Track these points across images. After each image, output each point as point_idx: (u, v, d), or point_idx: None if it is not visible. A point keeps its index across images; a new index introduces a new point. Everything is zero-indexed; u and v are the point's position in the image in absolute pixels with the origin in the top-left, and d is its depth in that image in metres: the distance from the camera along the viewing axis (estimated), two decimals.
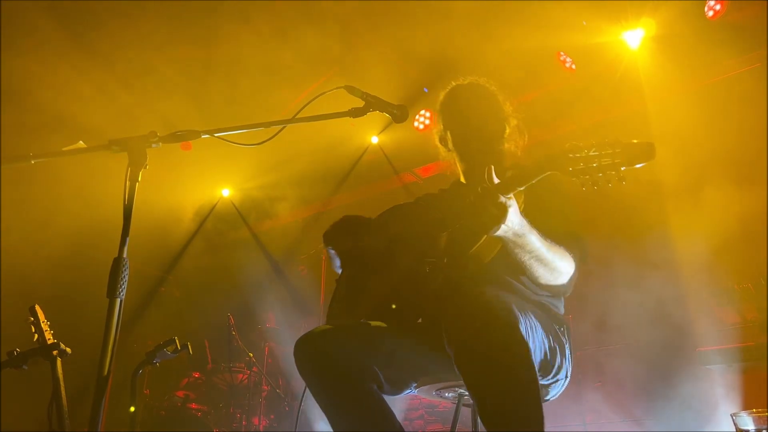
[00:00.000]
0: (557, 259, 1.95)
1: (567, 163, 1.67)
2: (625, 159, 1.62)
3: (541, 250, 1.89)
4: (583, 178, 1.66)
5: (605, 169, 1.63)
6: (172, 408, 6.05)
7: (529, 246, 1.87)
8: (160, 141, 1.91)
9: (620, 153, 1.62)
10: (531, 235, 1.86)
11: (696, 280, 4.64)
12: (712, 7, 5.10)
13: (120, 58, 5.60)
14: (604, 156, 1.63)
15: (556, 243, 1.97)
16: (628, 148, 1.62)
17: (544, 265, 1.93)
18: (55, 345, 3.09)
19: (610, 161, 1.63)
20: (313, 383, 2.05)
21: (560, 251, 1.97)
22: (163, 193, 6.44)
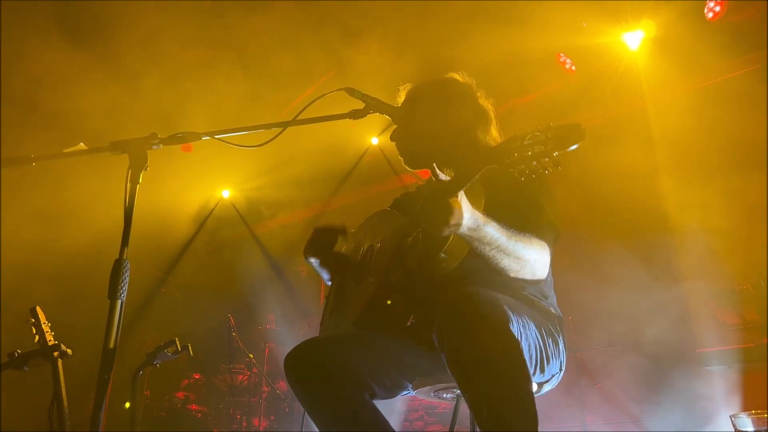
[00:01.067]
0: (521, 248, 1.94)
1: (502, 155, 1.68)
2: (555, 144, 1.61)
3: (500, 240, 1.88)
4: (519, 168, 1.66)
5: (539, 156, 1.63)
6: (172, 409, 6.05)
7: (487, 238, 1.86)
8: (160, 143, 1.91)
9: (551, 139, 1.62)
10: (487, 227, 1.85)
11: (696, 282, 4.64)
12: (712, 8, 5.11)
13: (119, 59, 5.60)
14: (537, 143, 1.63)
15: (521, 231, 1.96)
16: (557, 131, 1.62)
17: (508, 255, 1.91)
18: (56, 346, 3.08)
19: (543, 148, 1.62)
20: (303, 397, 2.05)
21: (525, 238, 1.96)
22: (163, 194, 6.44)
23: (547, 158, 1.62)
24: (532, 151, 1.64)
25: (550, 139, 1.62)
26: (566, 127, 1.61)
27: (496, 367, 1.65)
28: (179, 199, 7.51)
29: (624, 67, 5.62)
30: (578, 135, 1.60)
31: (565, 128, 1.61)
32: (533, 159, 1.63)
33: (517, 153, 1.65)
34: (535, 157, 1.63)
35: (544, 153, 1.62)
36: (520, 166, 1.66)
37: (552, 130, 1.62)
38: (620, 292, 4.78)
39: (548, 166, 1.63)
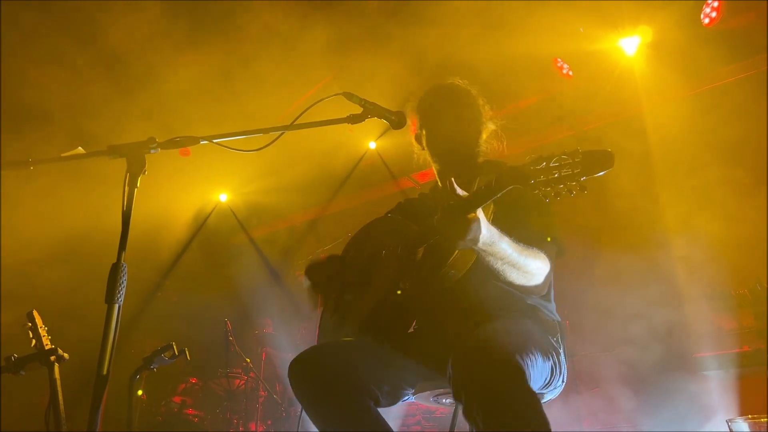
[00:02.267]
0: (530, 262, 1.97)
1: (528, 176, 1.67)
2: (584, 169, 1.62)
3: (512, 255, 1.91)
4: (545, 190, 1.66)
5: (566, 180, 1.63)
6: (168, 413, 6.03)
7: (500, 254, 1.89)
8: (158, 147, 1.91)
9: (579, 163, 1.62)
10: (501, 242, 1.88)
11: (693, 286, 4.65)
12: (708, 14, 5.13)
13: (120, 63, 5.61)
14: (564, 167, 1.63)
15: (527, 245, 1.99)
16: (587, 157, 1.62)
17: (517, 269, 1.94)
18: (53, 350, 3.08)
19: (570, 171, 1.63)
20: (307, 404, 2.05)
21: (533, 253, 1.99)
22: (160, 198, 6.44)
23: (575, 182, 1.62)
24: (559, 174, 1.64)
25: (579, 162, 1.62)
26: (596, 152, 1.62)
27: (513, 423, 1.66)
28: (176, 203, 7.50)
29: (620, 72, 5.64)
30: (608, 161, 1.61)
31: (596, 154, 1.62)
32: (560, 182, 1.63)
33: (544, 175, 1.65)
34: (562, 180, 1.63)
35: (571, 177, 1.62)
36: (546, 189, 1.66)
37: (581, 155, 1.62)
38: (617, 296, 4.78)
39: (575, 189, 1.63)
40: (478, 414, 1.69)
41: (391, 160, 7.26)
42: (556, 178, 1.64)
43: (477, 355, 1.75)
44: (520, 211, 2.11)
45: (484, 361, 1.72)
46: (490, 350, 1.75)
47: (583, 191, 1.63)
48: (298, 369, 2.07)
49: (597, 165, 1.61)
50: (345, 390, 2.01)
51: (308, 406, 2.05)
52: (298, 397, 2.07)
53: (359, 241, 2.50)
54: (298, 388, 2.05)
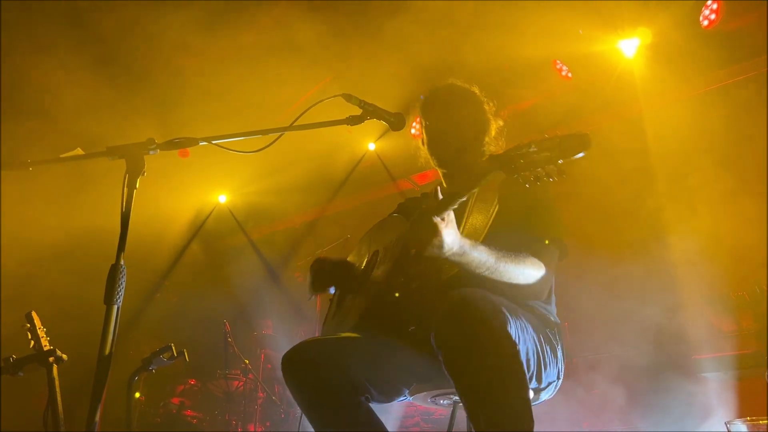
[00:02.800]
0: (512, 269, 1.95)
1: (508, 161, 1.69)
2: (561, 152, 1.63)
3: (488, 263, 1.90)
4: (524, 175, 1.68)
5: (544, 163, 1.65)
6: (167, 415, 6.03)
7: (474, 263, 1.88)
8: (157, 148, 1.92)
9: (557, 146, 1.64)
10: (474, 252, 1.87)
11: (692, 288, 4.65)
12: (707, 16, 5.14)
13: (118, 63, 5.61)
14: (543, 150, 1.65)
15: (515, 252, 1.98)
16: (564, 140, 1.64)
17: (498, 276, 1.93)
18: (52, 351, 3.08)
19: (548, 155, 1.64)
20: (300, 397, 2.05)
21: (517, 260, 1.98)
22: (159, 198, 6.44)
23: (553, 165, 1.64)
24: (537, 157, 1.66)
25: (556, 146, 1.64)
26: (572, 135, 1.64)
27: (493, 371, 1.67)
28: (175, 204, 7.50)
29: (620, 74, 5.65)
30: (584, 143, 1.62)
31: (571, 137, 1.64)
32: (538, 165, 1.65)
33: (523, 159, 1.67)
34: (541, 163, 1.65)
35: (549, 160, 1.64)
36: (524, 173, 1.68)
37: (557, 138, 1.64)
38: (616, 298, 4.78)
39: (553, 173, 1.65)
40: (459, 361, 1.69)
41: (390, 162, 7.27)
42: (534, 162, 1.66)
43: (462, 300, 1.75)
44: (522, 211, 2.11)
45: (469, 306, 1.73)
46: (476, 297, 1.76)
47: (561, 175, 1.65)
48: (290, 361, 2.07)
49: (573, 148, 1.62)
50: (336, 384, 2.01)
51: (299, 399, 2.05)
52: (290, 389, 2.07)
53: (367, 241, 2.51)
54: (290, 380, 2.06)
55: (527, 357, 1.91)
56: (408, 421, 5.47)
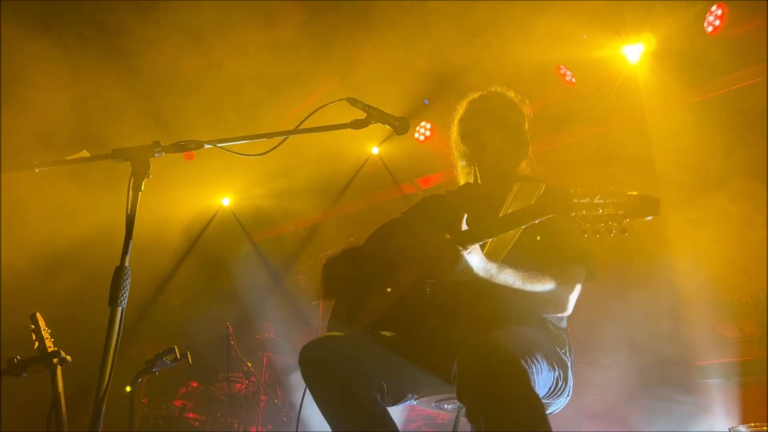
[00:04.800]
0: (538, 289, 1.99)
1: (570, 208, 1.66)
2: (629, 212, 1.60)
3: (515, 285, 1.94)
4: (585, 226, 1.65)
5: (608, 219, 1.62)
6: (169, 417, 6.03)
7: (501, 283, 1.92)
8: (163, 151, 1.92)
9: (624, 204, 1.60)
10: (501, 276, 1.91)
11: (695, 294, 4.64)
12: (712, 22, 5.13)
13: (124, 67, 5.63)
14: (608, 205, 1.61)
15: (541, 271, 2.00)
16: (633, 200, 1.60)
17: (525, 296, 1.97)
18: (56, 353, 3.09)
19: (614, 212, 1.61)
20: (317, 389, 2.05)
21: (543, 281, 2.00)
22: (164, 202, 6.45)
23: (617, 222, 1.61)
24: (603, 212, 1.62)
25: (624, 205, 1.60)
26: (644, 197, 1.60)
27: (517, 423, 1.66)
28: (179, 207, 7.51)
29: (623, 79, 5.64)
30: (654, 209, 1.60)
31: (643, 199, 1.60)
32: (602, 220, 1.62)
33: (587, 210, 1.64)
34: (605, 218, 1.62)
35: (614, 217, 1.61)
36: (586, 224, 1.65)
37: (627, 197, 1.60)
38: (619, 303, 4.78)
39: (616, 230, 1.62)
40: (481, 415, 1.68)
41: (393, 166, 7.27)
42: (598, 215, 1.62)
43: (482, 355, 1.74)
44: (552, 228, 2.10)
45: (489, 362, 1.71)
46: (495, 351, 1.75)
47: (624, 233, 1.61)
48: (308, 355, 2.07)
49: (642, 210, 1.60)
50: (354, 378, 2.01)
51: (315, 392, 2.05)
52: (306, 382, 2.07)
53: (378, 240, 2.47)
54: (308, 373, 2.05)
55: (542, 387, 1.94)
56: (410, 426, 5.46)
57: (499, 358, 1.72)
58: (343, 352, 2.05)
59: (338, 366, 2.01)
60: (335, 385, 2.00)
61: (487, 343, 1.78)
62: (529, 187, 2.19)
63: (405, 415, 5.42)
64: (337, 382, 2.00)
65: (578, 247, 2.17)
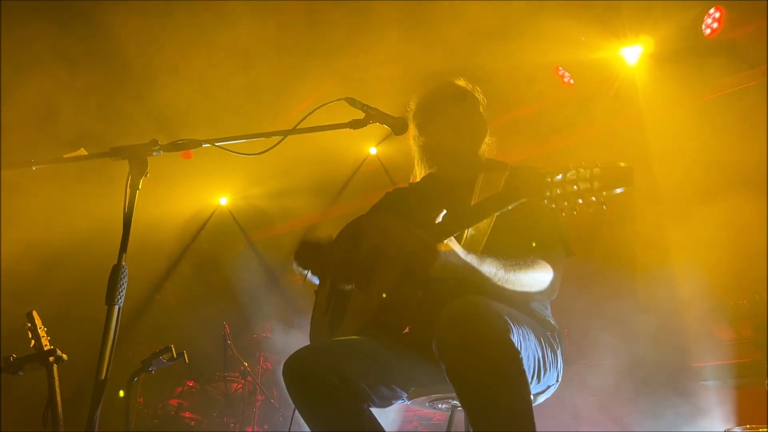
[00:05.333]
0: (522, 276, 1.95)
1: (544, 187, 1.61)
2: (603, 184, 1.55)
3: (498, 274, 1.90)
4: (562, 205, 1.60)
5: (584, 194, 1.57)
6: (165, 416, 6.02)
7: (483, 276, 1.89)
8: (161, 149, 1.92)
9: (598, 176, 1.56)
10: (483, 267, 1.87)
11: (692, 296, 4.65)
12: (710, 25, 5.15)
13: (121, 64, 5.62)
14: (582, 180, 1.57)
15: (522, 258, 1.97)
16: (607, 171, 1.56)
17: (507, 284, 1.93)
18: (52, 351, 3.08)
19: (588, 185, 1.57)
20: (301, 404, 2.02)
21: (525, 267, 1.97)
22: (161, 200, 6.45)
23: (594, 196, 1.57)
24: (576, 187, 1.58)
25: (598, 177, 1.56)
26: (616, 168, 1.56)
27: (496, 379, 1.64)
28: (177, 206, 7.51)
29: (622, 81, 5.65)
30: (628, 178, 1.55)
31: (615, 169, 1.56)
32: (578, 196, 1.58)
33: (560, 188, 1.60)
34: (581, 194, 1.57)
35: (590, 191, 1.57)
36: (562, 202, 1.60)
37: (600, 169, 1.56)
38: (616, 305, 4.78)
39: (593, 205, 1.57)
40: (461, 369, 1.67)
41: (391, 166, 7.28)
42: (573, 191, 1.58)
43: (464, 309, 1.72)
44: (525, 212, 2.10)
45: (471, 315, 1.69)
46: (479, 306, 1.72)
47: (601, 207, 1.57)
48: (290, 370, 2.04)
49: (617, 180, 1.55)
50: (338, 392, 1.97)
51: (301, 407, 2.03)
52: (291, 398, 2.04)
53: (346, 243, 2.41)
54: (291, 389, 2.03)
55: (528, 362, 1.89)
56: (406, 426, 5.46)
57: (482, 311, 1.70)
58: (327, 363, 2.01)
59: (322, 377, 1.97)
60: (319, 396, 1.97)
61: (469, 300, 1.75)
62: (497, 174, 2.12)
63: (401, 416, 5.42)
64: (322, 394, 1.96)
65: (553, 228, 2.14)
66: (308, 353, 2.09)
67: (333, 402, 1.97)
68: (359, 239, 2.31)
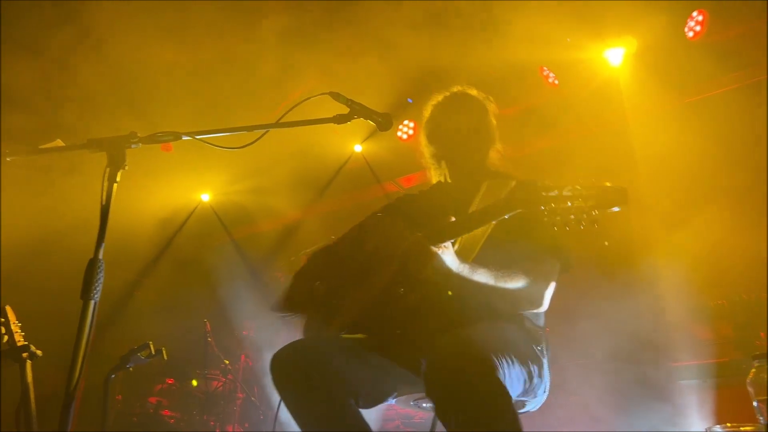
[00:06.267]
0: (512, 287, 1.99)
1: (539, 201, 1.68)
2: (597, 203, 1.64)
3: (488, 284, 1.94)
4: (555, 219, 1.67)
5: (577, 211, 1.65)
6: (144, 414, 5.96)
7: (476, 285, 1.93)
8: (140, 141, 1.89)
9: (594, 196, 1.64)
10: (474, 276, 1.91)
11: (672, 296, 4.69)
12: (693, 27, 5.19)
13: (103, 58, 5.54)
14: (577, 197, 1.65)
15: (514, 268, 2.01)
16: (602, 192, 1.64)
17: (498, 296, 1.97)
18: (26, 347, 3.03)
19: (582, 203, 1.64)
20: (288, 399, 2.02)
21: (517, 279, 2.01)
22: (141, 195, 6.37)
23: (586, 214, 1.64)
24: (571, 204, 1.65)
25: (593, 196, 1.64)
26: (611, 188, 1.64)
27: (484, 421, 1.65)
28: (156, 201, 7.42)
29: (605, 82, 5.68)
30: (622, 199, 1.64)
31: (610, 190, 1.64)
32: (571, 212, 1.65)
33: (555, 203, 1.67)
34: (574, 210, 1.65)
35: (583, 209, 1.64)
36: (555, 216, 1.67)
37: (595, 189, 1.64)
38: (596, 305, 4.80)
39: (585, 221, 1.65)
40: (451, 411, 1.68)
41: (376, 164, 7.26)
42: (567, 207, 1.65)
43: (451, 352, 1.74)
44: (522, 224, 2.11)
45: (457, 358, 1.70)
46: (464, 348, 1.74)
47: (594, 225, 1.64)
48: (279, 362, 2.04)
49: (611, 201, 1.63)
50: (325, 385, 1.97)
51: (287, 400, 2.02)
52: (278, 390, 2.03)
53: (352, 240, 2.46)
54: (279, 380, 2.02)
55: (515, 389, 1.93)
56: (388, 425, 5.44)
57: (468, 354, 1.72)
58: (315, 358, 2.02)
59: (309, 372, 1.97)
60: (306, 391, 1.97)
61: (456, 341, 1.78)
62: (499, 184, 2.20)
63: (383, 415, 5.41)
64: (309, 389, 1.97)
65: (550, 241, 2.17)
66: (297, 347, 2.08)
67: (319, 395, 1.97)
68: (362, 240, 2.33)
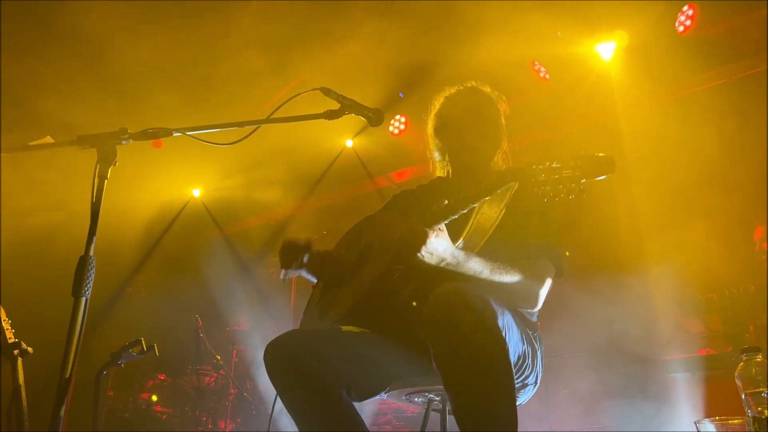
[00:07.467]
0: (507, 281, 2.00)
1: (529, 174, 1.72)
2: (585, 171, 1.67)
3: (483, 274, 1.94)
4: (544, 189, 1.70)
5: (566, 181, 1.68)
6: (136, 410, 5.95)
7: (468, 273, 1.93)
8: (130, 138, 1.88)
9: (581, 165, 1.67)
10: (468, 263, 1.91)
11: (662, 291, 4.72)
12: (683, 22, 5.21)
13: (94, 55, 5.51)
14: (566, 168, 1.69)
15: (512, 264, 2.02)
16: (589, 160, 1.67)
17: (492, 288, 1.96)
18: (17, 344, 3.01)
19: (570, 173, 1.68)
20: (282, 388, 2.02)
21: (512, 273, 2.01)
22: (132, 190, 6.34)
23: (575, 183, 1.68)
24: (559, 175, 1.69)
25: (580, 166, 1.68)
26: (598, 157, 1.68)
27: (482, 365, 1.68)
28: (148, 197, 7.40)
29: (596, 76, 5.70)
30: (609, 166, 1.66)
31: (597, 158, 1.67)
32: (560, 182, 1.69)
33: (545, 174, 1.70)
34: (563, 181, 1.69)
35: (571, 178, 1.68)
36: (545, 187, 1.70)
37: (582, 158, 1.68)
38: (586, 298, 4.83)
39: (574, 191, 1.69)
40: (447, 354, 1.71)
41: (367, 159, 7.25)
42: (556, 178, 1.69)
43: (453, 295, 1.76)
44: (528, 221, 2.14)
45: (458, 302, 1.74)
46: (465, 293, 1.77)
47: (582, 194, 1.68)
48: (273, 352, 2.04)
49: (598, 169, 1.66)
50: (319, 375, 1.98)
51: (281, 390, 2.03)
52: (272, 380, 2.04)
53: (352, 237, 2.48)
54: (273, 370, 2.03)
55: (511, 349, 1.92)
56: (380, 419, 5.46)
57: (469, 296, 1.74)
58: (309, 348, 2.02)
59: (304, 362, 1.98)
60: (300, 380, 1.97)
61: (458, 287, 1.80)
62: None
63: (375, 409, 5.42)
64: (302, 378, 1.97)
65: (548, 243, 2.20)
66: (291, 338, 2.09)
67: (312, 384, 1.98)
68: (361, 236, 2.37)
